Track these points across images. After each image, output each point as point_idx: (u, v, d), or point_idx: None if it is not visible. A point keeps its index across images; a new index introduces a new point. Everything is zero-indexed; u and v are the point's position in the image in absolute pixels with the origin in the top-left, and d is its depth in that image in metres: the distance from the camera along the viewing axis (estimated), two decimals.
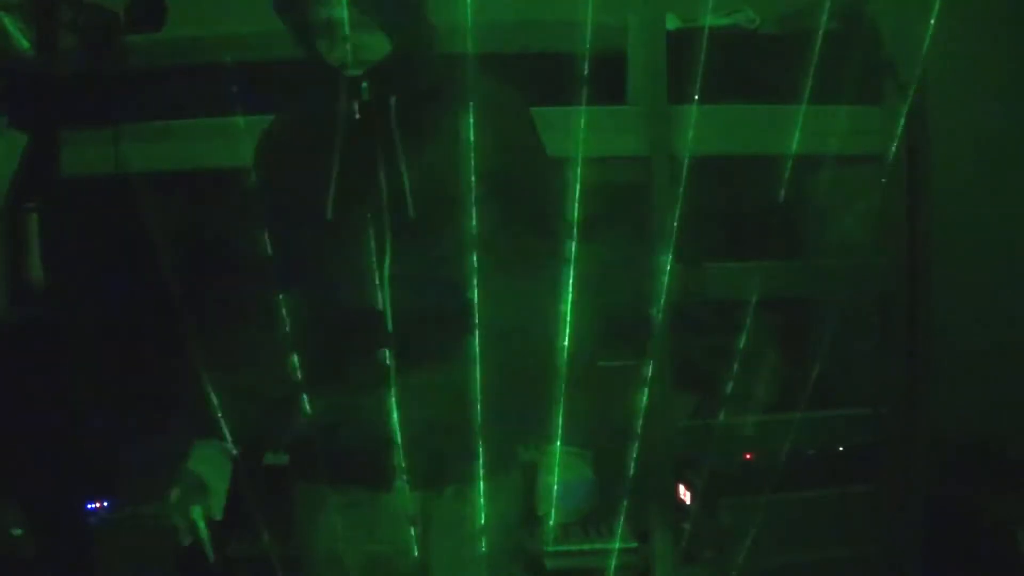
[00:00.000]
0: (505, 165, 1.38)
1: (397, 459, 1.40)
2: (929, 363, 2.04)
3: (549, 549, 1.96)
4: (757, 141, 1.99)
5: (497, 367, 1.40)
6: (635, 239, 1.97)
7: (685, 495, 2.04)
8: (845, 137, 1.94)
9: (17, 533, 1.72)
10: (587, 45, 1.63)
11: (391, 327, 1.38)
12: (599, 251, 1.45)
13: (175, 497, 1.39)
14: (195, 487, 1.40)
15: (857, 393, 2.15)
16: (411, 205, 1.37)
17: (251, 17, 1.39)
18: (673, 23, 2.02)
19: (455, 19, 1.99)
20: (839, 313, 1.96)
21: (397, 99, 1.38)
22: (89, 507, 1.96)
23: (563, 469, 1.44)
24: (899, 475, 2.05)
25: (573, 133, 1.82)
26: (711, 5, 2.01)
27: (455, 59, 1.47)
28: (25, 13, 1.80)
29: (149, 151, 1.93)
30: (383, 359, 1.38)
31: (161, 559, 1.95)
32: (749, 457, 2.02)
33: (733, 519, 1.98)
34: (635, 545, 2.09)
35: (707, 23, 1.96)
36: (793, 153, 1.74)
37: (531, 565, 1.83)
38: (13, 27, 1.78)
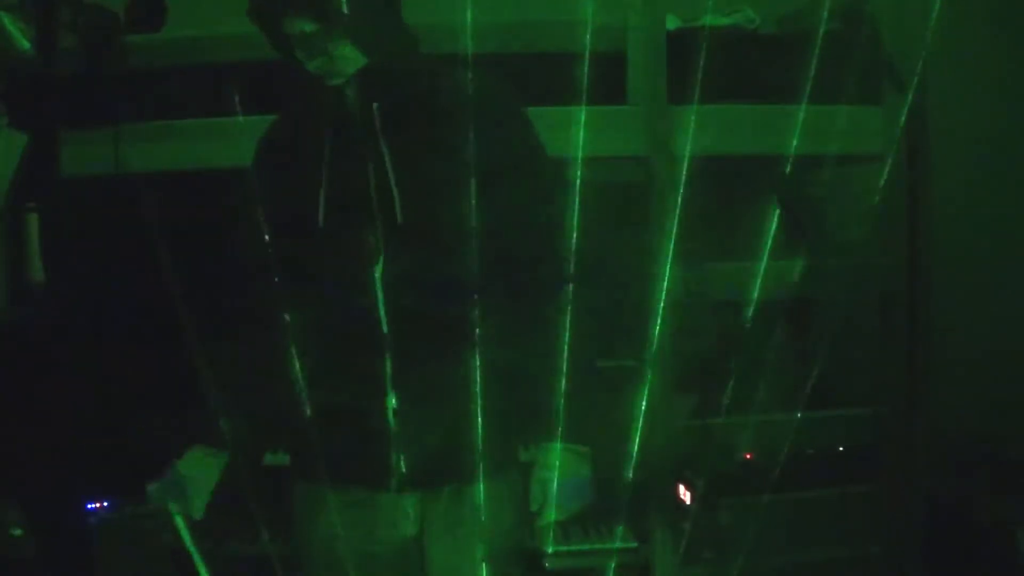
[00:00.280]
0: (496, 165, 1.38)
1: (395, 459, 1.40)
2: (929, 363, 2.04)
3: (549, 549, 1.96)
4: (757, 141, 1.98)
5: (494, 368, 1.41)
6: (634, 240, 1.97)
7: (685, 495, 2.04)
8: (845, 137, 1.94)
9: (17, 533, 1.72)
10: (587, 45, 1.64)
11: (386, 330, 1.38)
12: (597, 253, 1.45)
13: (153, 493, 1.42)
14: (174, 485, 1.42)
15: (857, 393, 2.15)
16: (399, 211, 1.37)
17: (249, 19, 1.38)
18: (673, 23, 2.01)
19: (455, 19, 2.00)
20: (839, 313, 1.96)
21: (380, 106, 1.38)
22: (89, 507, 1.96)
23: (560, 466, 1.44)
24: (899, 475, 2.05)
25: (573, 133, 1.83)
26: (711, 5, 2.01)
27: (442, 61, 1.47)
28: (25, 13, 1.80)
29: (149, 151, 1.93)
30: (380, 361, 1.38)
31: (161, 559, 1.95)
32: (749, 457, 2.02)
33: (733, 519, 1.98)
34: (635, 545, 2.10)
35: (707, 23, 1.96)
36: (793, 153, 1.74)
37: (531, 565, 1.83)
38: (13, 27, 1.78)
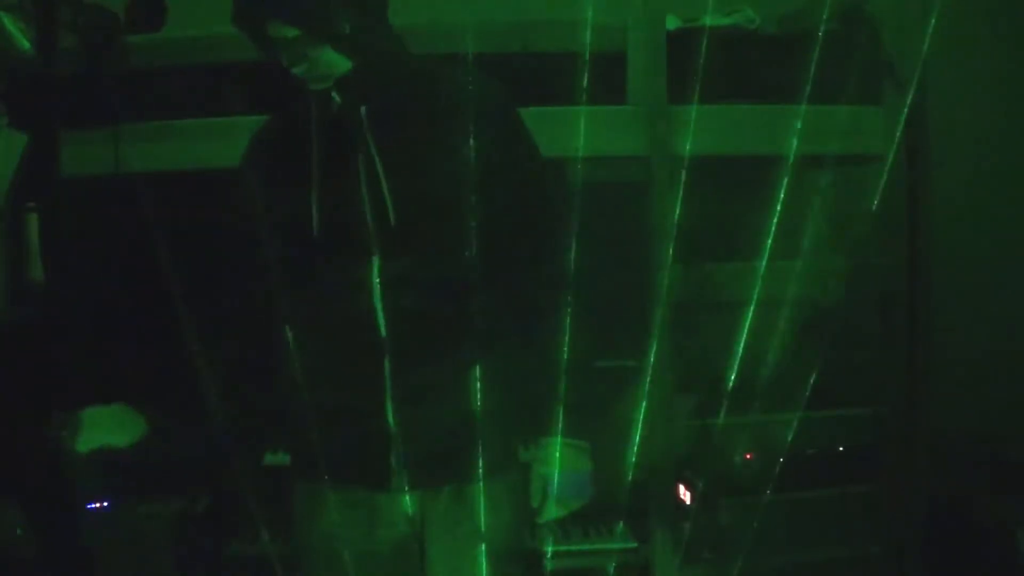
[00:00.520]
0: (487, 165, 1.37)
1: (395, 459, 1.40)
2: (929, 363, 2.04)
3: (549, 549, 1.96)
4: (757, 141, 1.99)
5: (493, 368, 1.41)
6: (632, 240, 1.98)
7: (685, 495, 2.04)
8: (845, 137, 1.94)
9: (19, 532, 1.73)
10: (587, 45, 1.64)
11: (384, 331, 1.38)
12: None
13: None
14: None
15: (857, 393, 2.15)
16: (392, 213, 1.36)
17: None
18: (673, 23, 2.01)
19: (455, 19, 2.00)
20: (839, 313, 1.96)
21: (368, 108, 1.37)
22: (89, 507, 1.96)
23: (560, 461, 1.45)
24: (899, 475, 2.05)
25: (573, 133, 1.83)
26: (711, 5, 2.01)
27: (432, 61, 1.46)
28: (25, 13, 1.80)
29: (149, 151, 1.93)
30: (379, 362, 1.38)
31: (161, 559, 1.95)
32: (749, 457, 2.02)
33: (733, 519, 1.98)
34: (635, 545, 2.10)
35: (707, 23, 1.96)
36: (793, 153, 1.74)
37: (531, 565, 1.83)
38: (13, 27, 1.78)
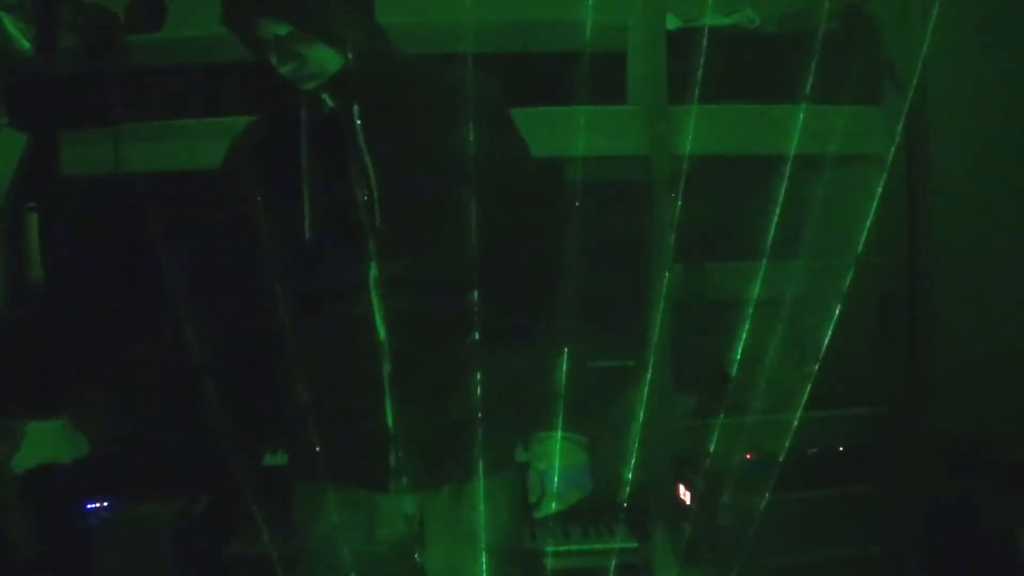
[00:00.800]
0: (479, 163, 1.36)
1: (394, 460, 1.40)
2: (929, 363, 2.04)
3: (549, 549, 1.96)
4: (757, 141, 1.99)
5: (491, 367, 1.41)
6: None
7: (685, 495, 2.04)
8: (845, 137, 1.94)
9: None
10: (587, 45, 1.64)
11: (382, 333, 1.37)
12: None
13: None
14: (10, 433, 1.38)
15: (857, 393, 2.15)
16: (379, 215, 1.36)
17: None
18: (673, 23, 2.01)
19: (455, 19, 2.00)
20: (839, 313, 1.96)
21: (360, 108, 1.36)
22: (89, 507, 1.96)
23: (556, 455, 1.45)
24: (899, 475, 2.05)
25: (573, 133, 1.83)
26: (711, 5, 2.01)
27: (423, 60, 1.46)
28: (25, 13, 1.80)
29: (149, 151, 1.93)
30: (377, 363, 1.38)
31: (161, 559, 1.95)
32: (749, 457, 2.02)
33: (733, 519, 1.98)
34: (635, 545, 2.10)
35: (707, 23, 1.96)
36: (793, 153, 1.74)
37: (531, 565, 1.83)
38: (13, 27, 1.78)
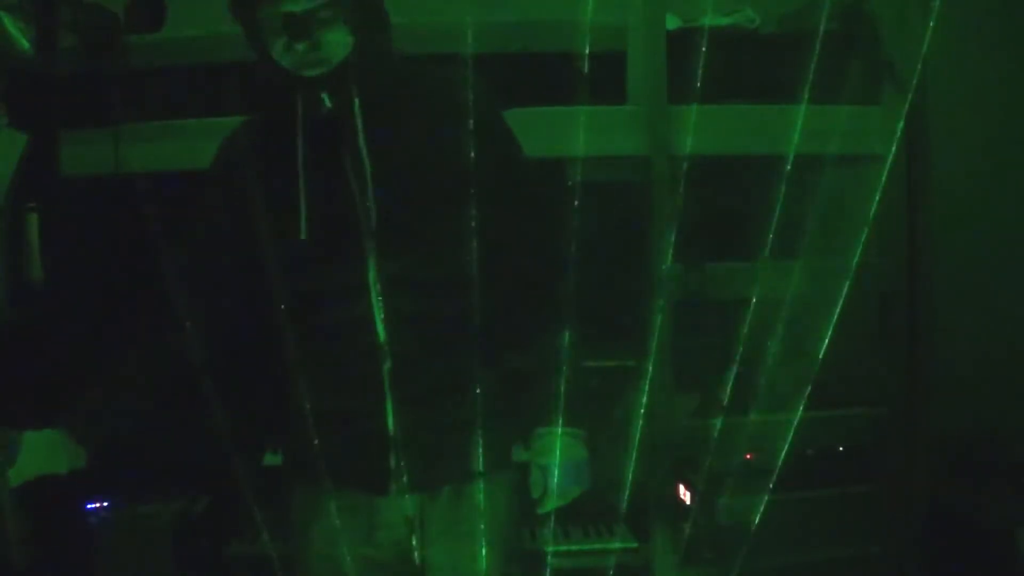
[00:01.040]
0: (476, 165, 1.36)
1: (393, 462, 1.40)
2: (929, 363, 2.04)
3: (549, 549, 1.96)
4: (757, 141, 1.99)
5: (490, 367, 1.41)
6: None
7: (685, 495, 2.04)
8: (845, 137, 1.94)
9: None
10: (587, 45, 1.64)
11: (381, 335, 1.37)
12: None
13: None
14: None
15: (857, 393, 2.15)
16: (375, 214, 1.35)
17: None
18: (673, 23, 2.01)
19: (455, 19, 1.99)
20: (839, 313, 1.96)
21: (360, 102, 1.35)
22: (89, 507, 1.96)
23: (557, 450, 1.45)
24: (899, 475, 2.05)
25: (573, 133, 1.83)
26: (711, 5, 2.01)
27: (420, 61, 1.46)
28: (25, 13, 1.80)
29: (149, 151, 1.93)
30: (376, 365, 1.37)
31: (161, 559, 1.95)
32: (749, 457, 2.02)
33: (733, 519, 1.98)
34: (635, 545, 2.10)
35: (707, 23, 1.96)
36: (793, 153, 1.74)
37: (531, 565, 1.83)
38: (13, 27, 1.78)
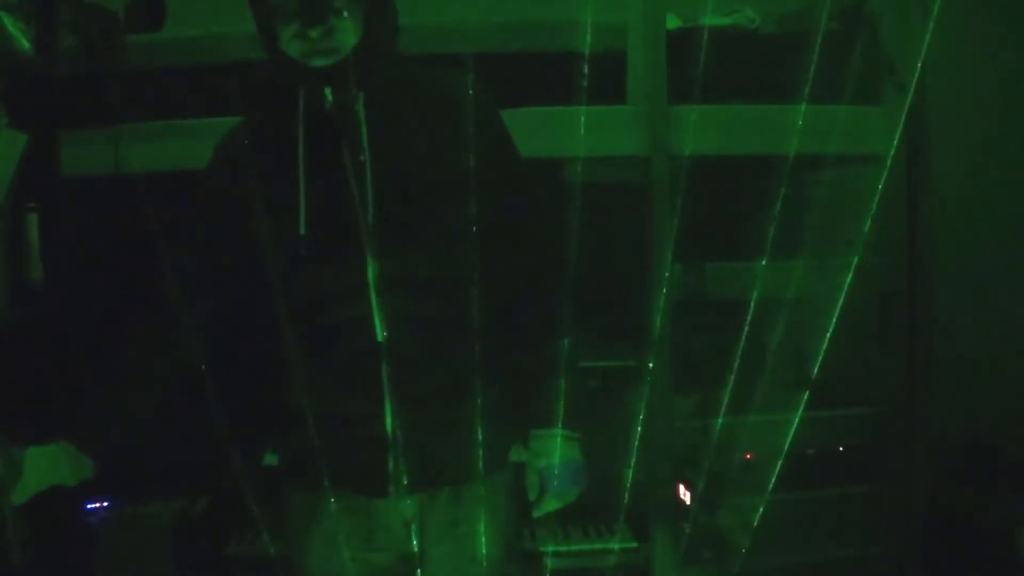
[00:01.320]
0: (475, 167, 1.36)
1: (392, 463, 1.40)
2: (929, 363, 2.04)
3: (549, 549, 1.97)
4: (757, 141, 1.99)
5: (488, 368, 1.41)
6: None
7: (685, 495, 2.04)
8: (845, 137, 1.94)
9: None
10: (587, 45, 1.64)
11: (380, 335, 1.36)
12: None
13: None
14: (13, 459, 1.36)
15: (857, 393, 2.15)
16: (372, 212, 1.34)
17: (251, 17, 1.38)
18: (673, 23, 2.01)
19: (455, 19, 2.00)
20: (839, 313, 1.96)
21: (364, 97, 1.34)
22: (89, 507, 1.96)
23: (554, 452, 1.45)
24: (899, 475, 2.05)
25: (573, 133, 1.83)
26: (711, 5, 2.01)
27: (419, 60, 1.46)
28: (25, 13, 1.80)
29: (149, 151, 1.93)
30: (375, 366, 1.37)
31: (161, 559, 1.95)
32: (749, 457, 2.02)
33: (733, 519, 1.98)
34: (635, 545, 2.10)
35: (707, 23, 1.96)
36: (793, 153, 1.74)
37: (531, 565, 1.83)
38: (13, 27, 1.78)
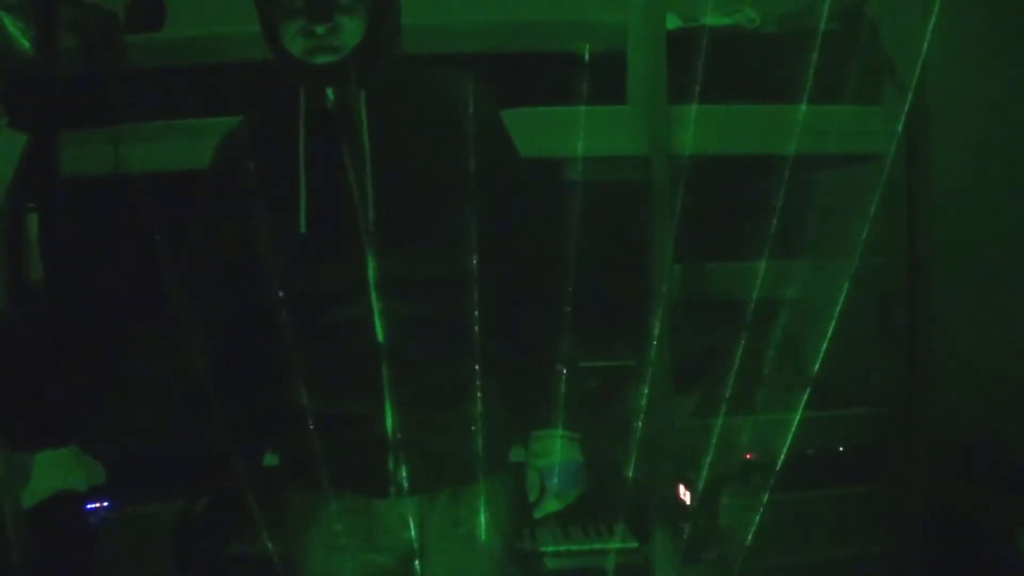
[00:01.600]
0: (475, 167, 1.36)
1: (392, 464, 1.40)
2: (929, 363, 2.04)
3: (549, 549, 1.97)
4: (757, 141, 1.99)
5: (489, 368, 1.41)
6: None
7: (685, 495, 2.04)
8: (845, 137, 1.94)
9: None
10: (587, 45, 1.64)
11: (380, 335, 1.36)
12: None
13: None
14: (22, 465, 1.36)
15: (857, 393, 2.15)
16: (372, 212, 1.34)
17: (251, 17, 1.38)
18: (673, 23, 2.01)
19: (455, 19, 2.00)
20: (839, 313, 1.96)
21: (366, 95, 1.34)
22: (89, 507, 1.96)
23: (554, 453, 1.45)
24: (899, 475, 2.05)
25: (573, 133, 1.83)
26: (711, 5, 2.01)
27: (419, 60, 1.46)
28: (25, 13, 1.80)
29: (149, 151, 1.93)
30: (376, 366, 1.37)
31: (161, 559, 1.95)
32: (749, 457, 2.02)
33: (733, 519, 1.98)
34: (635, 545, 2.10)
35: (707, 23, 1.96)
36: (793, 153, 1.74)
37: (531, 565, 1.83)
38: (13, 27, 1.78)
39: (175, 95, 2.06)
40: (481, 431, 1.41)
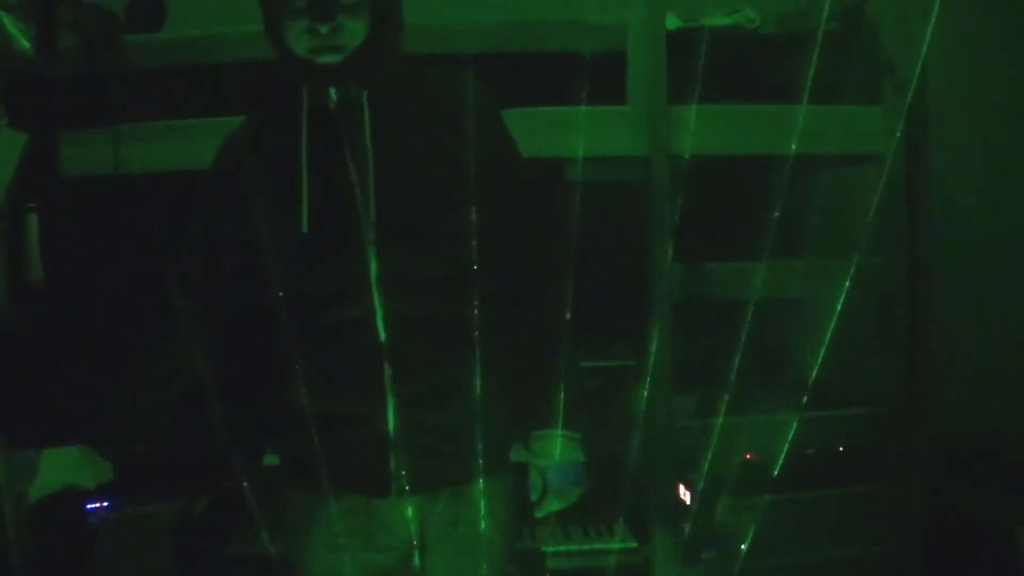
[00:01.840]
0: (477, 167, 1.36)
1: (392, 464, 1.40)
2: (929, 363, 2.04)
3: (549, 549, 1.97)
4: (757, 141, 1.99)
5: (489, 368, 1.41)
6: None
7: (685, 495, 2.04)
8: (845, 137, 1.94)
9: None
10: (587, 45, 1.64)
11: (381, 335, 1.36)
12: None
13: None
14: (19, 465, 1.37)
15: (857, 393, 2.15)
16: (373, 211, 1.34)
17: (251, 17, 1.38)
18: (673, 23, 2.01)
19: (455, 19, 2.00)
20: (839, 313, 1.97)
21: (369, 94, 1.35)
22: (89, 507, 1.96)
23: (555, 452, 1.45)
24: (899, 475, 2.05)
25: (573, 133, 1.83)
26: (711, 5, 2.01)
27: (420, 60, 1.46)
28: (25, 13, 1.80)
29: (149, 151, 1.93)
30: (377, 366, 1.37)
31: (161, 559, 1.95)
32: (749, 457, 2.02)
33: (733, 519, 1.98)
34: (635, 545, 2.10)
35: (707, 23, 1.96)
36: (793, 153, 1.74)
37: (531, 565, 1.83)
38: (13, 27, 1.78)
39: (175, 95, 2.06)
40: (481, 431, 1.41)
